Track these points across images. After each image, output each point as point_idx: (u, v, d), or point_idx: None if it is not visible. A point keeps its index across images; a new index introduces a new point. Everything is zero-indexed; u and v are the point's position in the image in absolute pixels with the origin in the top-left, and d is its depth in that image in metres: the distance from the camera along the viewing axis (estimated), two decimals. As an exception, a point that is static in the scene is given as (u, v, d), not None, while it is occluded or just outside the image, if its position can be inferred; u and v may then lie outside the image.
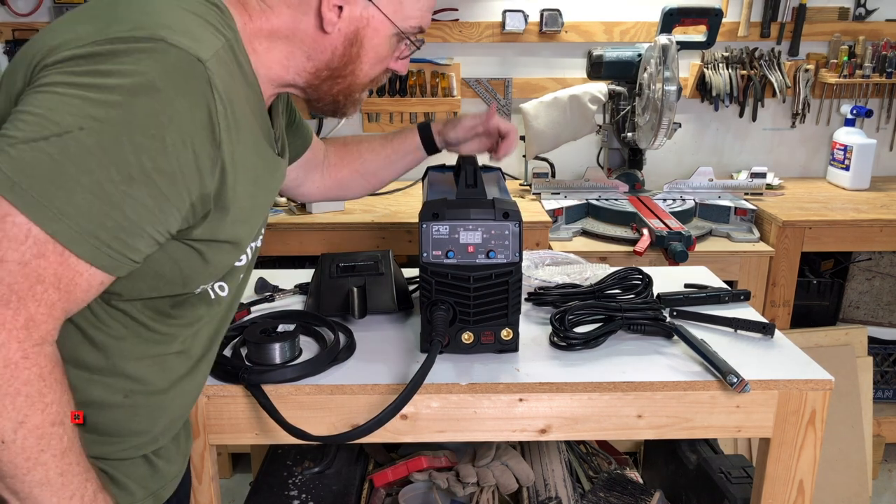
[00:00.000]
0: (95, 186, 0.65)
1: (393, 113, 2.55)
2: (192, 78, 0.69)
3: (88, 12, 0.75)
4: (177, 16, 0.72)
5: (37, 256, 0.64)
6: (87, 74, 0.66)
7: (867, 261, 2.51)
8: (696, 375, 1.06)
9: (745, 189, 2.41)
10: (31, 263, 0.64)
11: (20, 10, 2.46)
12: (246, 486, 1.53)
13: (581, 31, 2.52)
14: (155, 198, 0.68)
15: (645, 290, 1.29)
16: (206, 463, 1.10)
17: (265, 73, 0.85)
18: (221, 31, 0.76)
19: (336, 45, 0.86)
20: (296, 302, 1.35)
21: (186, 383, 0.88)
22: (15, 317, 0.64)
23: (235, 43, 0.78)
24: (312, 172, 1.27)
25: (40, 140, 0.63)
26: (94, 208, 0.65)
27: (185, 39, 0.69)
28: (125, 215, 0.67)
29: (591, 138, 2.59)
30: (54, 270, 0.65)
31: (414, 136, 1.28)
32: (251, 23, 0.82)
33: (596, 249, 2.09)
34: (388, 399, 0.97)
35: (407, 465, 1.50)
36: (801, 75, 2.55)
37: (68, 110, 0.64)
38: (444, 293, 1.06)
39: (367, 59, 0.89)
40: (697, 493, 1.47)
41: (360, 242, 2.12)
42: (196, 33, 0.72)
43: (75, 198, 0.64)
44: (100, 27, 0.70)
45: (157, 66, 0.67)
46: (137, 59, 0.67)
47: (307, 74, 0.88)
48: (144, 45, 0.67)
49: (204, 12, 0.76)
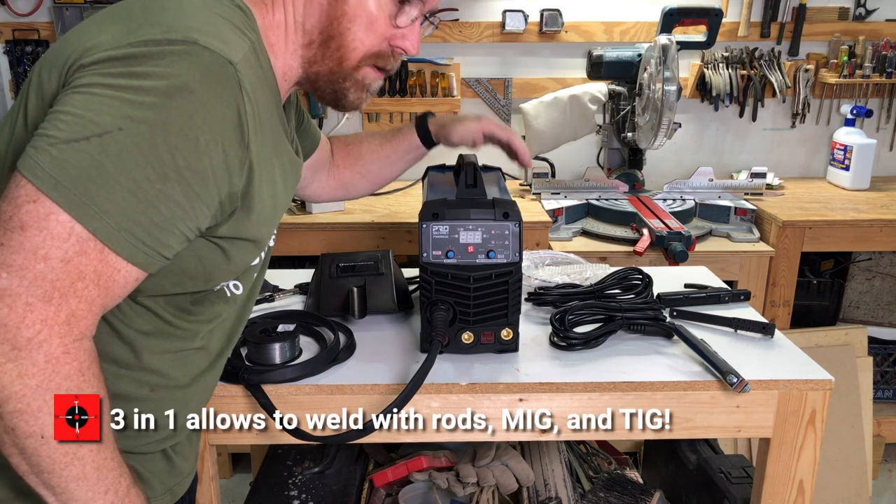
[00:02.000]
0: (133, 185, 0.66)
1: (393, 113, 2.55)
2: (224, 80, 0.71)
3: (120, 14, 0.76)
4: (207, 19, 0.74)
5: (79, 254, 0.65)
6: (123, 76, 0.68)
7: (867, 261, 2.51)
8: (696, 375, 1.06)
9: (745, 189, 2.41)
10: (73, 260, 0.65)
11: (20, 10, 2.46)
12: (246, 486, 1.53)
13: (581, 31, 2.52)
14: (188, 196, 0.70)
15: (645, 290, 1.29)
16: (206, 463, 1.10)
17: (280, 66, 0.86)
18: (247, 33, 0.77)
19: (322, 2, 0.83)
20: (296, 302, 1.35)
21: (206, 378, 0.90)
22: (57, 313, 0.65)
23: (258, 45, 0.79)
24: (319, 173, 1.27)
25: (81, 140, 0.65)
26: (131, 206, 0.67)
27: (216, 42, 0.71)
28: (160, 213, 0.69)
29: (591, 138, 2.59)
30: (94, 267, 0.67)
31: (412, 135, 1.27)
32: (268, 16, 0.83)
33: (596, 249, 2.09)
34: (388, 399, 0.97)
35: (407, 465, 1.50)
36: (801, 75, 2.55)
37: (107, 111, 0.66)
38: (444, 293, 1.06)
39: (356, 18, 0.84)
40: (697, 493, 1.47)
41: (360, 242, 2.12)
42: (225, 36, 0.73)
43: (115, 196, 0.66)
44: (133, 29, 0.71)
45: (191, 68, 0.69)
46: (172, 61, 0.68)
47: (304, 50, 0.86)
48: (178, 47, 0.69)
49: (230, 15, 0.77)
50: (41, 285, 0.64)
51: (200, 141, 0.69)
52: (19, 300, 0.63)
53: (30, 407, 0.65)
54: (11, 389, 0.64)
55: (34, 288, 0.64)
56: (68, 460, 0.68)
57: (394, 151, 1.28)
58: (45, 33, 2.48)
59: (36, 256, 0.64)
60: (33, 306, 0.64)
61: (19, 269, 0.63)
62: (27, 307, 0.64)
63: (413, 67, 2.52)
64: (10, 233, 0.64)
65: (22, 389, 0.64)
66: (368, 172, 1.31)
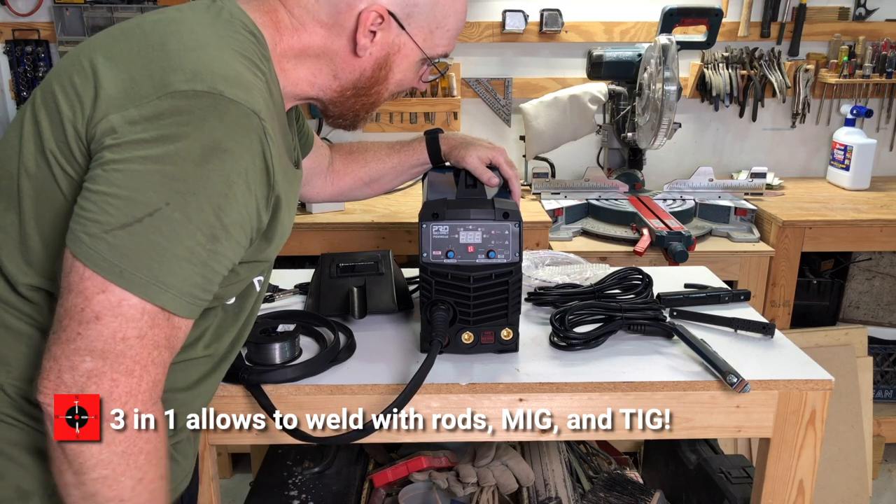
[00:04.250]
0: (188, 253, 0.71)
1: (393, 113, 2.55)
2: (251, 131, 0.73)
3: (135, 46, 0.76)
4: (226, 59, 0.75)
5: (152, 327, 0.70)
6: (156, 142, 0.69)
7: (867, 261, 2.51)
8: (696, 375, 1.06)
9: (745, 189, 2.41)
10: (147, 335, 0.70)
11: (20, 10, 2.46)
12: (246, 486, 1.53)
13: (581, 31, 2.52)
14: (233, 246, 0.75)
15: (645, 290, 1.29)
16: (206, 463, 1.10)
17: (291, 90, 0.88)
18: (260, 66, 0.79)
19: (365, 67, 0.88)
20: (296, 302, 1.35)
21: (209, 382, 0.91)
22: (139, 384, 0.70)
23: (270, 75, 0.82)
24: (315, 178, 1.27)
25: (134, 223, 0.68)
26: (189, 273, 0.71)
27: (239, 92, 0.73)
28: (213, 269, 0.74)
29: (591, 138, 2.59)
30: (165, 334, 0.72)
31: (422, 151, 1.26)
32: (282, 42, 0.85)
33: (596, 249, 2.09)
34: (388, 399, 0.97)
35: (407, 465, 1.50)
36: (801, 75, 2.55)
37: (152, 188, 0.68)
38: (444, 293, 1.06)
39: (393, 81, 0.92)
40: (697, 493, 1.47)
41: (360, 242, 2.12)
42: (245, 80, 0.75)
43: (174, 268, 0.70)
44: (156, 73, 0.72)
45: (221, 125, 0.71)
46: (201, 118, 0.70)
47: (332, 92, 0.90)
48: (205, 101, 0.71)
49: (245, 47, 0.79)
50: (123, 362, 0.69)
51: (238, 195, 0.72)
52: (104, 377, 0.68)
53: (114, 472, 0.70)
54: (99, 458, 0.69)
55: (117, 365, 0.69)
56: None
57: (400, 163, 1.28)
58: (45, 33, 2.48)
59: (115, 339, 0.68)
60: (118, 381, 0.69)
61: (101, 353, 0.68)
62: (112, 383, 0.69)
63: (413, 67, 2.52)
64: (86, 324, 0.68)
65: (109, 456, 0.70)
66: (371, 180, 1.30)
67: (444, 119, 2.56)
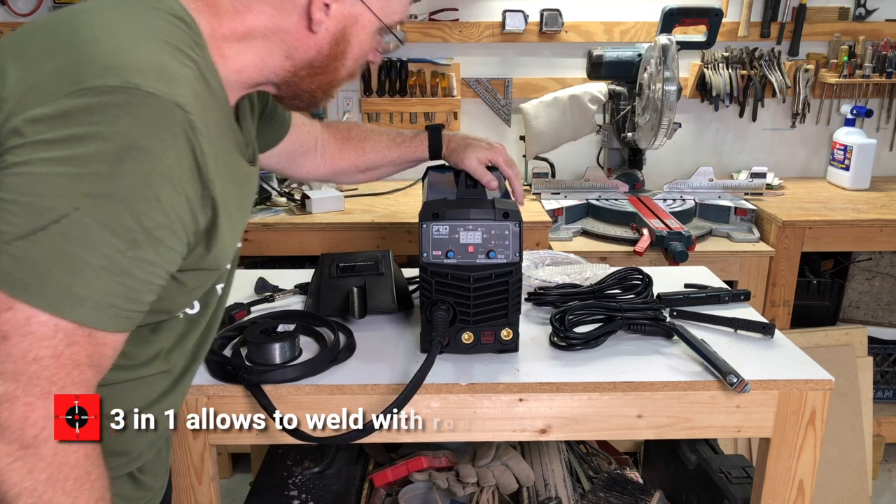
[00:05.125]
0: (105, 261, 0.64)
1: (393, 113, 2.55)
2: (174, 126, 0.66)
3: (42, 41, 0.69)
4: (145, 49, 0.68)
5: (69, 345, 0.64)
6: (63, 144, 0.62)
7: (867, 261, 2.51)
8: (696, 375, 1.06)
9: (745, 189, 2.41)
10: (64, 354, 0.64)
11: (20, 10, 2.46)
12: (246, 486, 1.53)
13: (581, 31, 2.52)
14: (160, 252, 0.68)
15: (645, 290, 1.29)
16: (206, 463, 1.10)
17: (235, 77, 0.81)
18: (190, 54, 0.72)
19: (322, 44, 0.82)
20: (296, 302, 1.35)
21: (169, 399, 0.87)
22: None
23: (203, 63, 0.74)
24: (301, 159, 1.22)
25: (38, 231, 0.61)
26: (107, 283, 0.64)
27: (159, 83, 0.65)
28: (137, 278, 0.66)
29: (591, 138, 2.60)
30: (86, 352, 0.65)
31: (423, 148, 1.26)
32: (221, 27, 0.77)
33: (596, 249, 2.09)
34: (388, 399, 0.97)
35: (407, 465, 1.50)
36: (801, 75, 2.55)
37: (57, 192, 0.61)
38: (444, 293, 1.06)
39: (352, 55, 0.86)
40: (697, 493, 1.47)
41: (360, 242, 2.12)
42: (168, 69, 0.68)
43: (89, 279, 0.63)
44: (64, 67, 0.65)
45: (137, 121, 0.64)
46: (115, 115, 0.63)
47: (284, 73, 0.84)
48: (119, 97, 0.63)
49: (169, 34, 0.71)
50: (37, 384, 0.63)
51: (162, 197, 0.65)
52: (18, 402, 0.62)
53: (41, 500, 0.64)
54: (22, 486, 0.64)
55: (31, 387, 0.63)
56: None
57: (400, 157, 1.27)
58: (45, 33, 2.48)
59: (26, 360, 0.62)
60: (33, 405, 0.63)
61: (13, 375, 0.62)
62: (27, 407, 0.63)
63: (413, 67, 2.52)
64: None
65: (33, 484, 0.64)
66: (367, 168, 1.29)
67: (444, 119, 2.56)
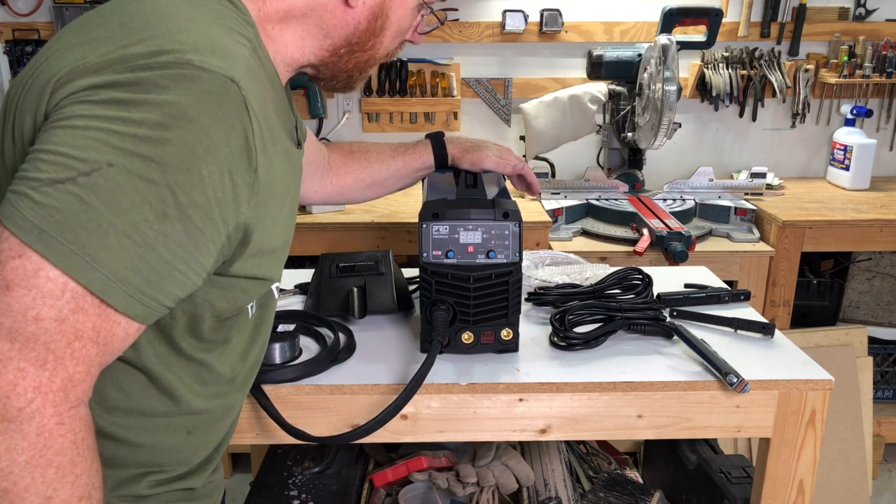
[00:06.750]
0: (129, 227, 0.59)
1: (393, 113, 2.55)
2: (227, 102, 0.63)
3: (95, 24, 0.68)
4: (198, 27, 0.65)
5: (74, 311, 0.59)
6: (109, 105, 0.60)
7: (867, 261, 2.51)
8: (696, 375, 1.06)
9: (745, 189, 2.41)
10: (68, 319, 0.58)
11: (20, 10, 2.46)
12: (246, 486, 1.53)
13: (581, 31, 2.52)
14: (190, 234, 0.63)
15: (645, 290, 1.29)
16: (206, 463, 1.10)
17: (280, 58, 0.80)
18: (243, 33, 0.70)
19: (360, 19, 0.80)
20: (296, 302, 1.35)
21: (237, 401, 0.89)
22: (52, 379, 0.58)
23: (257, 42, 0.72)
24: (311, 176, 1.22)
25: (67, 181, 0.57)
26: (128, 252, 0.59)
27: (214, 59, 0.63)
28: (160, 256, 0.61)
29: (591, 138, 2.59)
30: (93, 324, 0.60)
31: (428, 155, 1.25)
32: (265, 7, 0.76)
33: (596, 249, 2.09)
34: (388, 399, 0.97)
35: (407, 465, 1.50)
36: (801, 75, 2.55)
37: (93, 146, 0.58)
38: (444, 293, 1.06)
39: (390, 32, 0.84)
40: (697, 493, 1.47)
41: (360, 242, 2.12)
42: (222, 46, 0.65)
43: (108, 242, 0.58)
44: (116, 50, 0.63)
45: (189, 93, 0.61)
46: (165, 87, 0.60)
47: (324, 52, 0.82)
48: (171, 71, 0.61)
49: (222, 14, 0.70)
50: (34, 348, 0.58)
51: (204, 173, 0.61)
52: (10, 365, 0.57)
53: (16, 486, 0.58)
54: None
55: (26, 351, 0.57)
56: None
57: (405, 166, 1.26)
58: (45, 33, 2.48)
59: (26, 318, 0.57)
60: (25, 371, 0.57)
61: (9, 333, 0.57)
62: (19, 373, 0.57)
63: (413, 67, 2.52)
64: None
65: (9, 466, 0.58)
66: (373, 182, 1.28)
67: (445, 119, 2.56)
